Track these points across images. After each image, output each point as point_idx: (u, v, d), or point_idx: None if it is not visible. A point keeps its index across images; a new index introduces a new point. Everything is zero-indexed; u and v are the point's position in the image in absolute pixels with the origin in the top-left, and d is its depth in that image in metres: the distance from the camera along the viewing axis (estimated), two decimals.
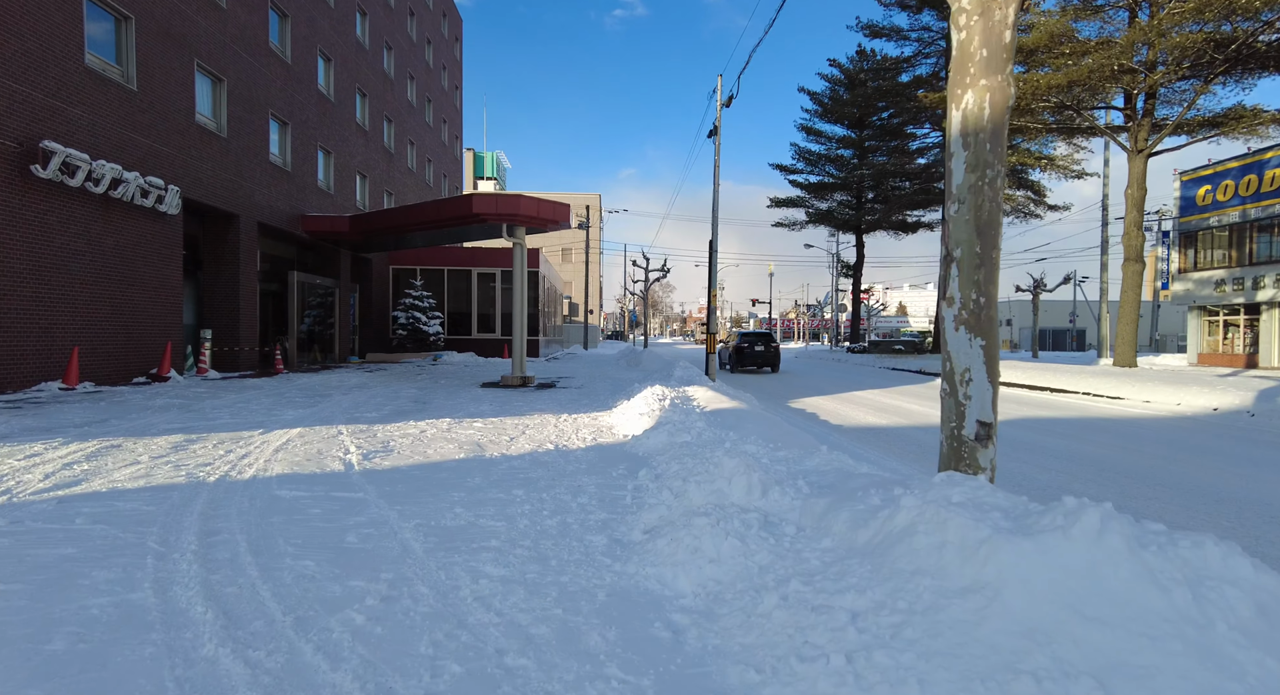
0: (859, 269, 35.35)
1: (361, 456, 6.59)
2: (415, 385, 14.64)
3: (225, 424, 8.24)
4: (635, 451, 7.40)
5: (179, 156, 13.41)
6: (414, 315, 24.72)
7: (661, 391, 10.95)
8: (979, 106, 3.38)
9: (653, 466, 6.46)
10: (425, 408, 10.66)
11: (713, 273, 14.49)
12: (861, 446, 8.76)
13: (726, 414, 8.95)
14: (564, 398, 12.64)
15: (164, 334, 13.06)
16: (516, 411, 10.42)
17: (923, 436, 9.80)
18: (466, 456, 6.83)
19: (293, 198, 18.72)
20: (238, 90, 15.68)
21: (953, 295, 3.60)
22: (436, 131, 34.51)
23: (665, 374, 15.18)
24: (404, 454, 6.82)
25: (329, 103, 21.11)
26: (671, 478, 5.66)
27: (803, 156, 34.90)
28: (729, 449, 6.18)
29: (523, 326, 15.60)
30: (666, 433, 7.66)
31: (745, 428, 7.90)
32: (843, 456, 5.39)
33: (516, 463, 6.60)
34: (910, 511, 2.98)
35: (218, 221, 15.81)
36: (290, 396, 11.46)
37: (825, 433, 9.97)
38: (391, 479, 5.72)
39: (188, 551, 3.72)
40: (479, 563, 3.75)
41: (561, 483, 5.82)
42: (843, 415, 12.39)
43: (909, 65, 28.48)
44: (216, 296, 15.86)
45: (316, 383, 13.98)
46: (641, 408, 9.59)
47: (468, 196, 15.26)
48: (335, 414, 9.56)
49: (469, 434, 8.13)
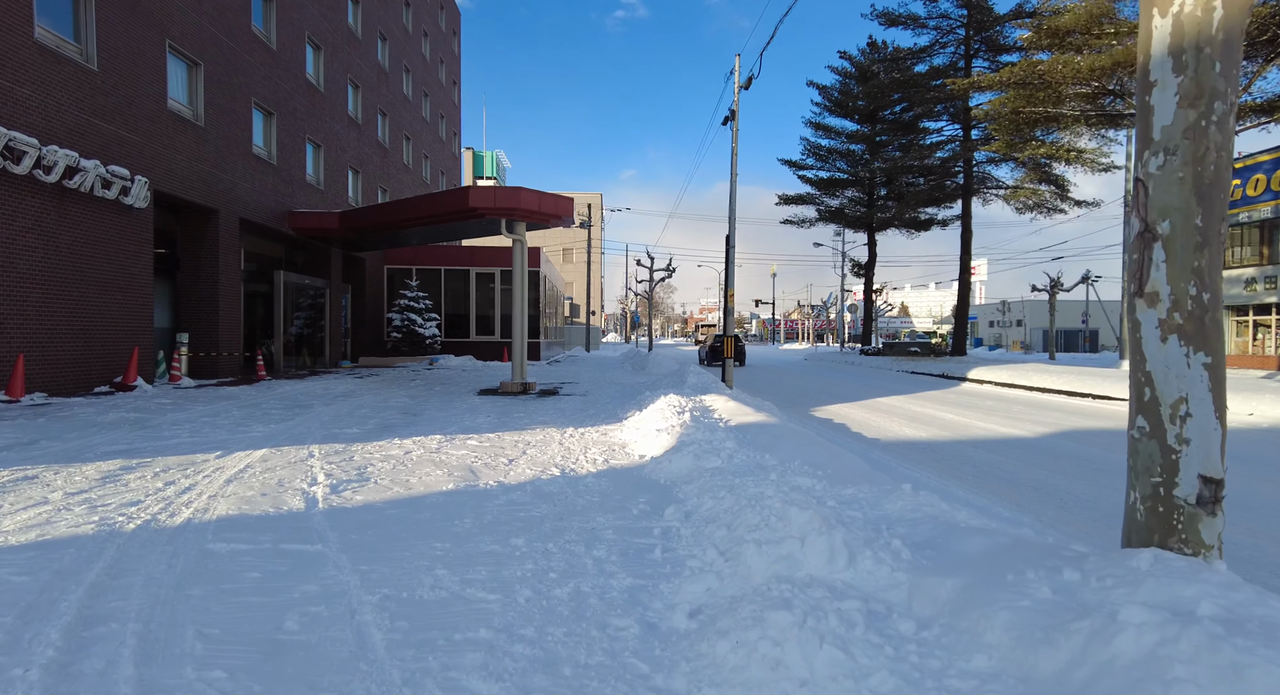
0: (871, 267, 34.17)
1: (330, 488, 5.47)
2: (407, 393, 13.53)
3: (179, 444, 7.12)
4: (656, 478, 6.28)
5: (148, 145, 12.31)
6: (409, 317, 23.61)
7: (677, 401, 9.84)
8: (1205, 6, 2.26)
9: (681, 501, 5.35)
10: (414, 421, 9.54)
11: (729, 270, 13.37)
12: (915, 468, 7.63)
13: (756, 430, 7.84)
14: (568, 407, 11.53)
15: (131, 338, 11.96)
16: (516, 425, 9.31)
17: (975, 454, 8.68)
18: (456, 486, 5.71)
19: (279, 193, 17.61)
20: (217, 76, 14.58)
21: (1156, 289, 2.51)
22: (434, 127, 33.43)
23: (677, 380, 14.07)
24: (382, 484, 5.71)
25: (318, 93, 20.02)
26: (708, 521, 4.55)
27: (813, 152, 33.74)
28: (777, 481, 5.06)
29: (523, 329, 14.49)
30: (691, 455, 6.55)
31: (783, 449, 6.78)
32: (931, 497, 4.26)
33: (516, 495, 5.49)
34: (1145, 635, 1.86)
35: (195, 217, 14.70)
36: (266, 408, 10.34)
37: (865, 449, 8.84)
38: (361, 522, 4.61)
39: (36, 662, 2.60)
40: (461, 672, 2.64)
41: (571, 525, 4.71)
42: (876, 427, 11.27)
43: (925, 55, 27.32)
44: (194, 298, 14.75)
45: (299, 391, 12.87)
46: (657, 421, 8.47)
47: (464, 189, 14.17)
48: (311, 430, 8.44)
49: (461, 455, 7.02)
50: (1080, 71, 13.37)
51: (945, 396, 16.14)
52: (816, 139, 34.16)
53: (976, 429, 11.01)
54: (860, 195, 34.05)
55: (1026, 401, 15.34)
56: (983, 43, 25.78)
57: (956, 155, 26.73)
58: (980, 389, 18.25)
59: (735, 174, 13.23)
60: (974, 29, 25.37)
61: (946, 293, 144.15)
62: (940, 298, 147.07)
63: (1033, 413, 13.03)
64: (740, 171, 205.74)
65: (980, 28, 25.17)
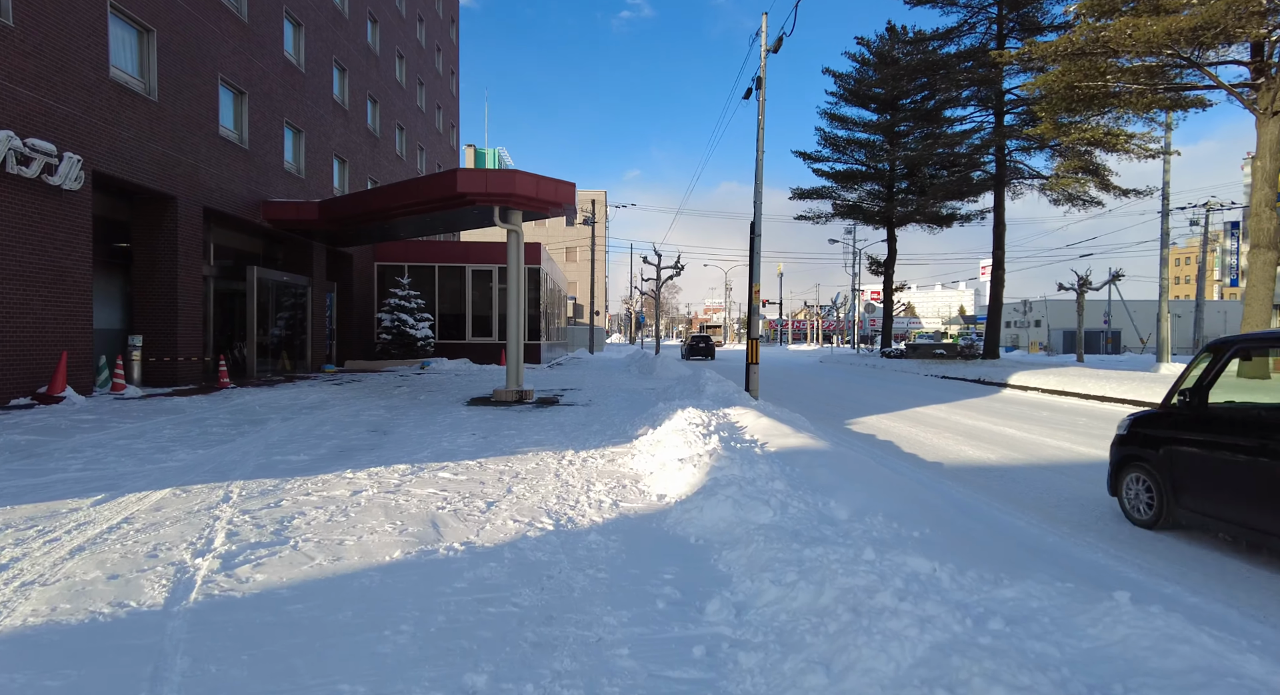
0: (890, 265, 32.31)
1: (222, 561, 3.82)
2: (386, 403, 11.89)
3: (55, 482, 5.47)
4: (684, 535, 4.62)
5: (83, 118, 10.67)
6: (399, 317, 21.97)
7: (698, 417, 8.18)
8: None
9: (726, 583, 3.69)
10: (382, 442, 7.89)
11: (754, 261, 11.67)
12: (1038, 521, 5.94)
13: (804, 459, 6.16)
14: (569, 421, 9.88)
15: (63, 342, 10.33)
16: (505, 447, 7.65)
17: (1073, 485, 6.99)
18: (406, 554, 4.06)
19: (252, 180, 15.99)
20: (173, 45, 12.95)
21: None
22: (430, 118, 31.81)
23: (692, 388, 12.40)
24: (302, 551, 4.06)
25: (298, 73, 18.39)
26: (785, 642, 2.89)
27: (829, 142, 31.91)
28: (877, 563, 3.39)
29: (519, 330, 12.85)
30: (730, 501, 4.88)
31: (850, 491, 5.10)
32: (1177, 624, 2.50)
33: (488, 570, 3.84)
34: None
35: (150, 204, 13.08)
36: (209, 425, 8.70)
37: (934, 480, 7.15)
38: (240, 634, 2.96)
39: None
40: None
41: (565, 636, 3.06)
42: (930, 446, 9.58)
43: (953, 36, 25.43)
44: (150, 296, 13.12)
45: (260, 402, 11.24)
46: (678, 446, 6.80)
47: (451, 172, 12.53)
48: (247, 457, 6.79)
49: (426, 497, 5.36)
50: (1154, 37, 11.59)
51: (991, 406, 14.42)
52: (832, 130, 32.39)
53: (1049, 448, 9.31)
54: (879, 188, 32.23)
55: (1084, 412, 13.62)
56: (1017, 21, 24.00)
57: (987, 143, 24.91)
58: (1025, 396, 16.52)
59: (761, 151, 11.54)
60: (1008, 6, 23.55)
61: (953, 293, 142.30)
62: (947, 298, 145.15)
63: (1100, 426, 11.32)
64: (745, 170, 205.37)
65: (1015, 4, 23.35)
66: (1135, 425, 5.68)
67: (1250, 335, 5.21)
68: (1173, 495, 5.14)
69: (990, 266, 28.21)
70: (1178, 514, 5.10)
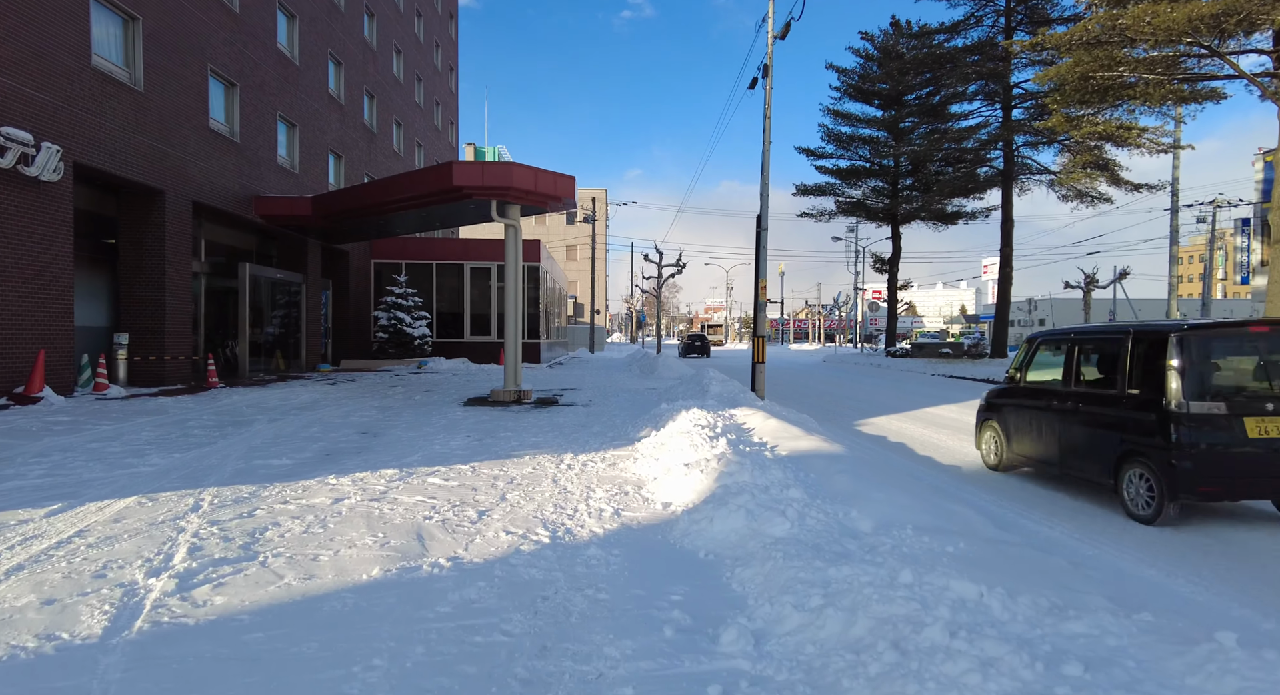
0: (895, 263, 31.81)
1: (179, 581, 3.43)
2: (380, 403, 11.49)
3: (12, 490, 5.07)
4: (692, 549, 4.23)
5: (64, 108, 10.27)
6: (396, 316, 21.55)
7: (704, 418, 7.78)
8: None
9: (742, 607, 3.29)
10: (370, 445, 7.49)
11: (760, 258, 11.24)
12: (1022, 507, 5.54)
13: (819, 464, 5.76)
14: (568, 422, 9.48)
15: (41, 340, 9.93)
16: (501, 450, 7.25)
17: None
18: (386, 572, 3.66)
19: (243, 175, 15.59)
20: (160, 34, 12.55)
21: None
22: (428, 114, 31.40)
23: (696, 388, 11.99)
24: (271, 568, 3.66)
25: (292, 66, 17.99)
26: (818, 684, 2.48)
27: (832, 138, 31.44)
28: (914, 586, 3.00)
29: (517, 329, 12.46)
30: (742, 511, 4.48)
31: (873, 500, 4.70)
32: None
33: (475, 590, 3.44)
34: None
35: (136, 199, 12.68)
36: (190, 427, 8.31)
37: (956, 486, 6.75)
38: (183, 671, 2.57)
39: None
40: None
41: (562, 667, 2.69)
42: (942, 447, 9.18)
43: (960, 29, 24.92)
44: (136, 293, 12.73)
45: (248, 402, 10.84)
46: (684, 449, 6.40)
47: (447, 165, 12.13)
48: (225, 461, 6.39)
49: (413, 505, 4.97)
50: (1174, 24, 11.13)
51: None
52: (836, 126, 31.92)
53: None
54: (883, 185, 31.76)
55: None
56: (1025, 13, 23.55)
57: (994, 138, 24.44)
58: None
59: (768, 142, 11.12)
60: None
61: (954, 292, 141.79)
62: (948, 297, 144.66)
63: None
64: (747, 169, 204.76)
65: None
66: (989, 395, 7.80)
67: (1044, 332, 7.41)
68: (1007, 443, 7.27)
69: (994, 265, 27.78)
70: (1009, 457, 7.27)
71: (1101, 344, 6.33)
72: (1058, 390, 6.54)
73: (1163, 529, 5.27)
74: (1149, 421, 5.36)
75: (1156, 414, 5.29)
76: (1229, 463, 5.12)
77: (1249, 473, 5.11)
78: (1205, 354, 5.36)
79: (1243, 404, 5.15)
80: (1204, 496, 5.21)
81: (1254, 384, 5.38)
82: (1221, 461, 5.12)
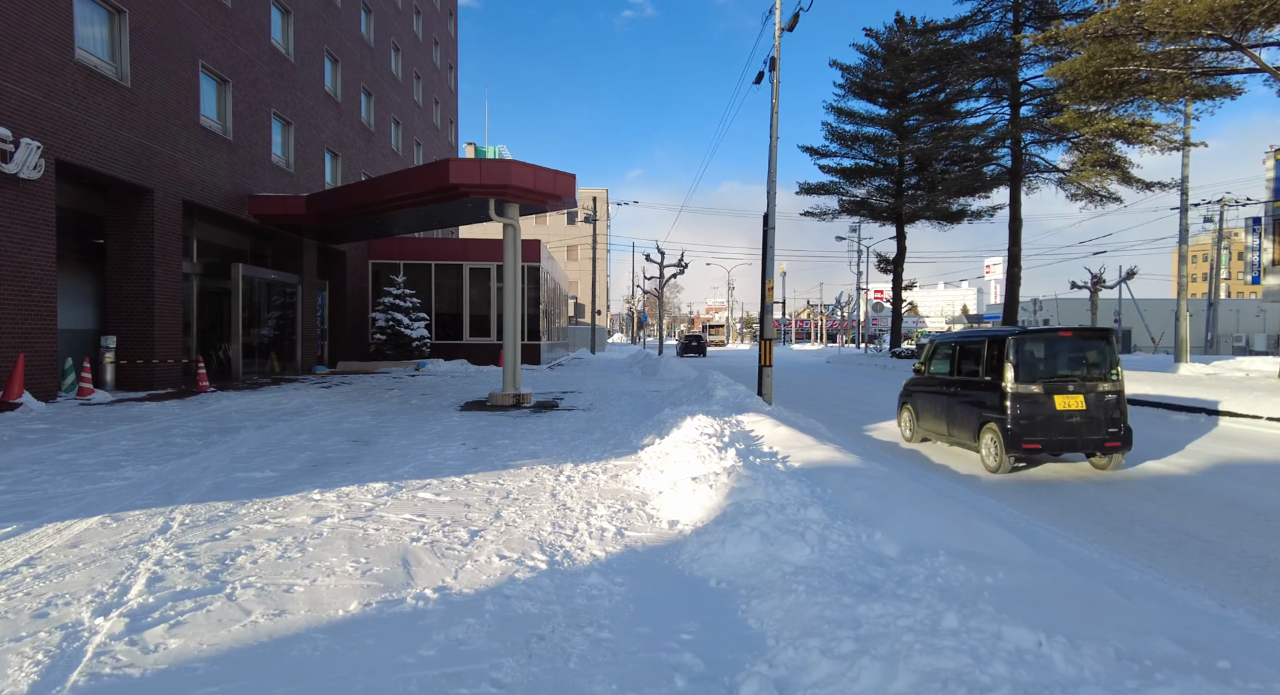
0: (900, 262, 31.37)
1: (131, 618, 3.07)
2: (374, 408, 11.15)
3: None
4: (703, 577, 3.86)
5: (45, 103, 9.92)
6: (394, 317, 21.19)
7: (710, 426, 7.42)
8: None
9: (767, 654, 2.94)
10: (361, 455, 7.14)
11: (767, 258, 10.85)
12: (1054, 525, 5.18)
13: (835, 477, 5.39)
14: (568, 428, 9.13)
15: (21, 343, 9.58)
16: (497, 460, 6.90)
17: (1122, 501, 6.23)
18: (365, 606, 3.31)
19: (237, 173, 15.24)
20: (148, 28, 12.19)
21: None
22: (427, 113, 31.04)
23: (700, 391, 11.63)
24: (238, 600, 3.31)
25: (287, 63, 17.64)
26: None
27: (836, 137, 31.05)
28: (960, 632, 2.63)
29: (516, 330, 12.11)
30: (757, 533, 4.12)
31: (899, 520, 4.34)
32: None
33: (463, 630, 3.09)
34: None
35: (124, 197, 12.33)
36: (174, 434, 7.95)
37: (978, 498, 6.39)
38: None
39: None
40: None
41: None
42: (956, 454, 8.81)
43: (968, 25, 24.47)
44: (124, 294, 12.38)
45: (238, 408, 10.49)
46: (691, 462, 6.03)
47: (444, 162, 11.78)
48: (206, 472, 6.04)
49: (400, 525, 4.61)
50: (1195, 15, 10.70)
51: None
52: (840, 124, 31.50)
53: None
54: (888, 184, 31.36)
55: None
56: (1034, 8, 23.13)
57: (1002, 135, 24.03)
58: None
59: (775, 138, 10.73)
60: None
61: (955, 292, 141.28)
62: (949, 297, 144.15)
63: (1145, 431, 10.51)
64: (747, 170, 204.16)
65: None
66: (905, 384, 9.79)
67: (940, 335, 9.46)
68: (916, 420, 9.25)
69: (998, 264, 27.33)
70: (919, 433, 9.23)
71: (972, 344, 8.21)
72: (947, 379, 8.57)
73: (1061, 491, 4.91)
74: (995, 399, 7.43)
75: (999, 394, 7.37)
76: (1044, 426, 7.21)
77: (1058, 433, 7.21)
78: (1030, 351, 7.44)
79: (1053, 386, 7.31)
80: (1029, 452, 7.21)
81: (1061, 372, 7.46)
82: (1039, 426, 7.20)
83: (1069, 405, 7.18)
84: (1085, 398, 7.20)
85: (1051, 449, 7.21)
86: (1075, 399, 7.19)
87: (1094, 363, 7.46)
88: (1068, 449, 7.27)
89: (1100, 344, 7.55)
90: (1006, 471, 7.32)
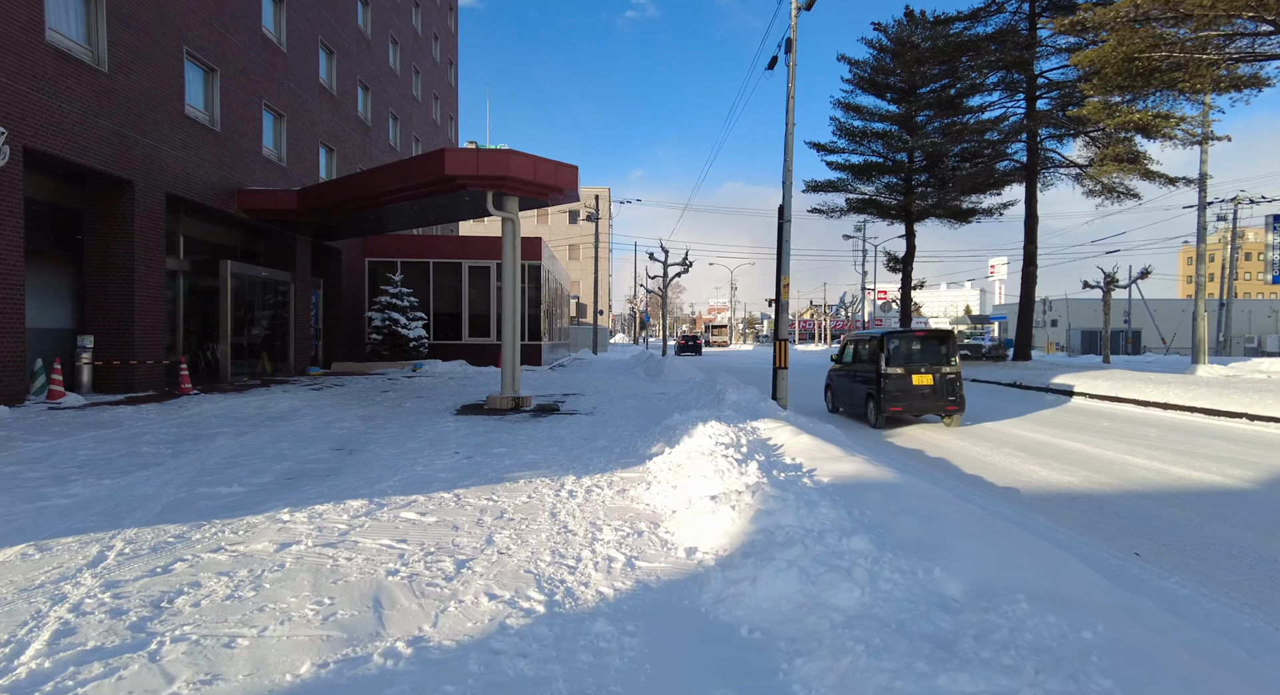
0: (909, 261, 30.65)
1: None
2: (364, 412, 10.53)
3: None
4: (733, 625, 3.22)
5: (11, 85, 9.29)
6: (391, 316, 20.57)
7: (725, 434, 6.79)
8: None
9: None
10: (343, 466, 6.51)
11: (783, 252, 10.20)
12: (1126, 554, 4.53)
13: (872, 495, 4.74)
14: (570, 435, 8.49)
15: None
16: (492, 472, 6.26)
17: (1191, 521, 5.59)
18: (319, 666, 2.68)
19: (225, 166, 14.63)
20: (127, 10, 11.57)
21: None
22: (426, 108, 30.43)
23: (709, 395, 10.99)
24: (162, 661, 2.68)
25: (279, 53, 17.03)
26: None
27: (844, 133, 30.36)
28: None
29: (515, 330, 11.48)
30: (794, 569, 3.48)
31: (954, 548, 3.69)
32: None
33: None
34: None
35: (103, 190, 11.72)
36: (142, 442, 7.33)
37: (1024, 515, 5.74)
38: None
39: None
40: None
41: None
42: (988, 463, 8.17)
43: (981, 16, 23.78)
44: (103, 292, 11.77)
45: (219, 411, 9.87)
46: (708, 477, 5.39)
47: (439, 152, 11.15)
48: (166, 487, 5.41)
49: (376, 553, 3.98)
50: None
51: (1042, 415, 12.96)
52: (848, 120, 30.80)
53: (1136, 469, 7.89)
54: (897, 181, 30.68)
55: (1148, 421, 12.17)
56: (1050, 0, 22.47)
57: (1017, 129, 23.33)
58: (1077, 404, 15.00)
59: (791, 124, 10.11)
60: None
61: (958, 292, 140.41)
62: (952, 297, 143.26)
63: (1184, 441, 9.86)
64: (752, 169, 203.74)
65: None
66: (828, 372, 12.76)
67: (852, 335, 12.24)
68: (834, 400, 12.59)
69: (1001, 264, 26.61)
70: (838, 407, 12.46)
71: (867, 341, 11.21)
72: (852, 367, 11.70)
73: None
74: (875, 378, 10.57)
75: (877, 374, 10.49)
76: (904, 396, 10.42)
77: (914, 400, 10.47)
78: (896, 345, 10.60)
79: (911, 368, 10.49)
80: (894, 414, 10.49)
81: (916, 359, 10.62)
82: (901, 396, 10.42)
83: (922, 382, 10.39)
84: (933, 377, 10.39)
85: (911, 412, 10.53)
86: (926, 377, 10.39)
87: (942, 354, 10.64)
88: (922, 412, 10.68)
89: (946, 341, 10.81)
90: (882, 426, 10.65)
